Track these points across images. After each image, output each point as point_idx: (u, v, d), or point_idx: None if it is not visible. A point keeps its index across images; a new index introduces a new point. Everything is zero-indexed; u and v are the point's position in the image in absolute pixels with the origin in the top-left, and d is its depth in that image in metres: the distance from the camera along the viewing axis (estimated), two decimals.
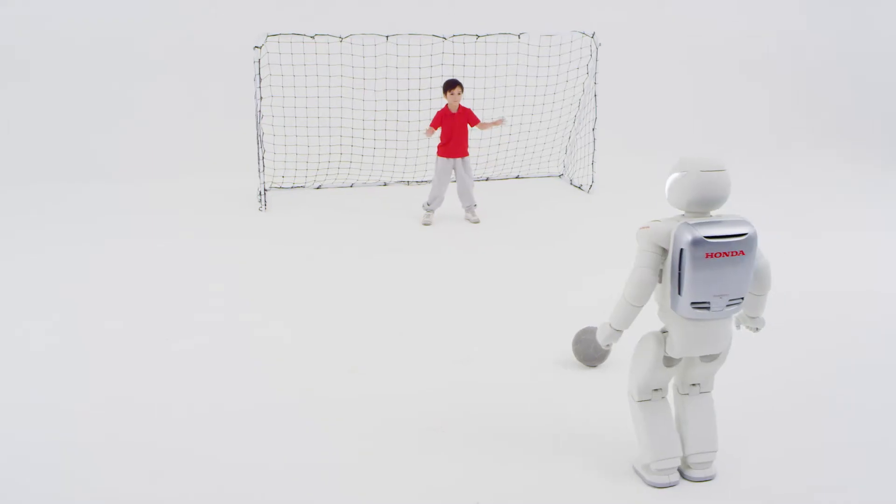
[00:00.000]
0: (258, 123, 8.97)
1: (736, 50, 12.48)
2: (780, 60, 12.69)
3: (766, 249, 3.69)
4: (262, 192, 9.09)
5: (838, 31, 12.91)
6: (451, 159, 8.51)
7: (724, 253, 3.40)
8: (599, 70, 9.73)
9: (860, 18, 13.02)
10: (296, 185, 10.00)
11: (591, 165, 9.93)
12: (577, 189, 10.08)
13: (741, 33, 12.53)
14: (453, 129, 8.40)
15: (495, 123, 8.58)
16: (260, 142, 9.08)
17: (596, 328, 4.97)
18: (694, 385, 3.86)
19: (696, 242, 3.38)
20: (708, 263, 3.40)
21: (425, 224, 8.58)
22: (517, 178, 10.68)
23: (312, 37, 9.04)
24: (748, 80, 12.46)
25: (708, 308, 3.47)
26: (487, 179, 10.52)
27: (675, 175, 3.52)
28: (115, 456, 4.03)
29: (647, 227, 3.57)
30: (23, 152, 10.30)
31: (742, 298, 3.53)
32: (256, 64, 8.78)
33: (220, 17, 10.88)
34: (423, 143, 9.48)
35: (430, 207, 8.66)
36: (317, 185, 10.02)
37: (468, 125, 8.46)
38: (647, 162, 11.27)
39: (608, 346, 3.80)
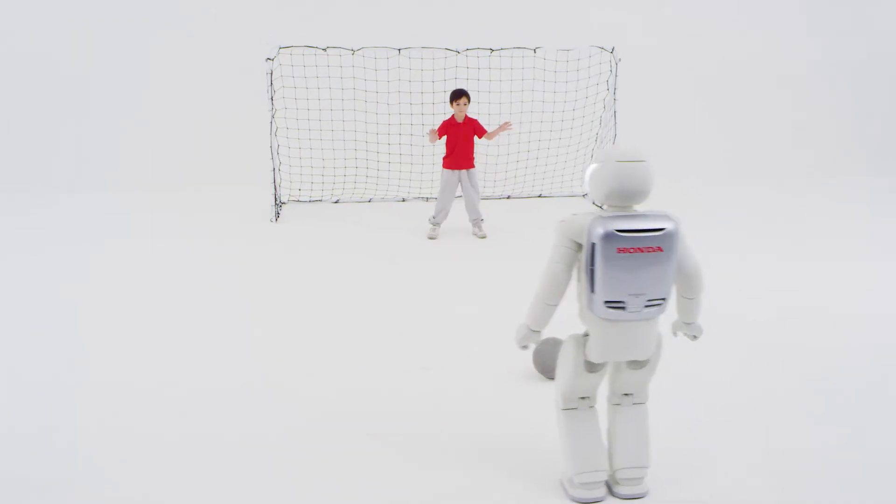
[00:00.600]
0: (271, 135, 9.01)
1: (759, 63, 12.10)
2: (805, 75, 12.28)
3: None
4: (275, 204, 9.09)
5: (864, 45, 12.44)
6: (457, 171, 8.34)
7: (639, 248, 3.14)
8: (619, 86, 9.49)
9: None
10: (313, 198, 9.99)
11: None
12: (598, 209, 9.76)
13: (764, 47, 12.16)
14: (458, 140, 8.23)
15: (502, 129, 8.34)
16: (273, 154, 9.12)
17: (556, 339, 4.71)
18: (626, 395, 3.57)
19: (608, 236, 3.13)
20: (621, 259, 3.15)
21: (430, 238, 8.41)
22: (539, 196, 10.44)
23: (324, 49, 9.06)
24: (771, 93, 12.07)
25: (624, 308, 3.21)
26: (509, 198, 10.33)
27: (593, 166, 3.30)
28: (111, 451, 3.95)
29: (565, 220, 3.35)
30: (38, 162, 10.64)
31: (664, 299, 3.25)
32: (269, 76, 8.84)
33: (232, 29, 11.03)
34: (440, 158, 9.36)
35: (435, 221, 8.49)
36: (335, 199, 9.99)
37: (475, 137, 8.32)
38: (670, 180, 10.93)
39: (525, 347, 3.55)
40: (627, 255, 3.14)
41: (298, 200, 9.97)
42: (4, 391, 4.64)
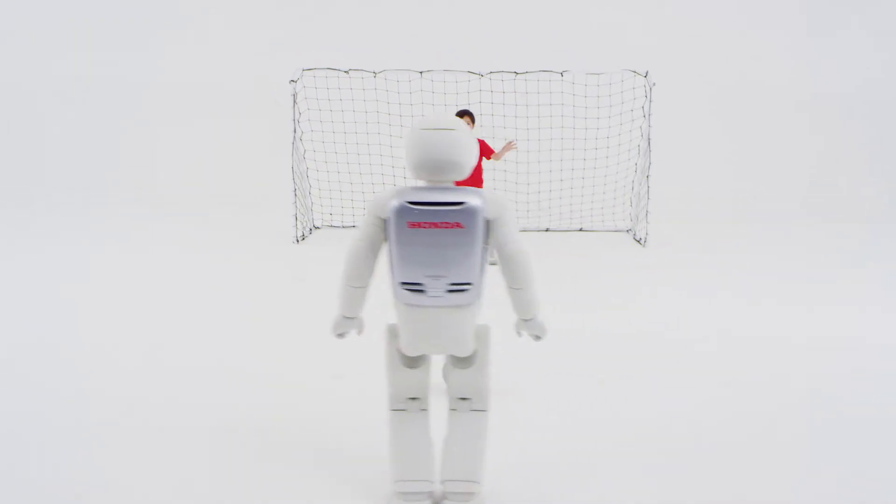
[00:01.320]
0: (293, 155, 8.99)
1: (797, 87, 11.36)
2: (845, 101, 11.40)
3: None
4: (296, 226, 9.03)
5: None
6: None
7: (434, 224, 2.85)
8: (654, 111, 8.97)
9: None
10: (346, 224, 9.89)
11: (646, 216, 9.09)
12: (636, 242, 9.22)
13: (811, 70, 11.40)
14: None
15: (507, 149, 8.00)
16: (300, 176, 9.10)
17: None
18: (463, 399, 3.20)
19: (399, 209, 2.87)
20: (414, 235, 2.88)
21: None
22: (580, 230, 9.96)
23: (346, 71, 9.01)
24: (811, 118, 11.29)
25: (423, 291, 2.92)
26: (547, 230, 9.90)
27: (405, 137, 3.05)
28: (103, 442, 3.85)
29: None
30: (65, 180, 11.08)
31: (470, 284, 2.92)
32: (293, 97, 8.85)
33: (255, 52, 11.23)
34: None
35: None
36: None
37: (483, 158, 8.01)
38: (706, 213, 10.35)
39: (340, 335, 3.23)
40: (420, 230, 2.86)
41: (332, 226, 9.90)
42: (13, 393, 4.53)
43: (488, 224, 2.93)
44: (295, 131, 9.00)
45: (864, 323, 5.93)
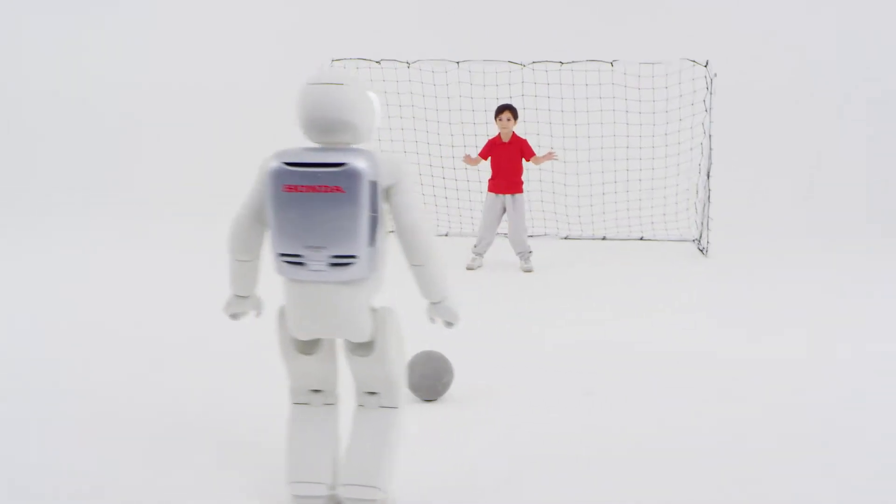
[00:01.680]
0: None
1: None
2: None
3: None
4: None
5: None
6: (501, 196, 7.44)
7: (311, 187, 2.58)
8: (716, 105, 8.08)
9: None
10: None
11: (707, 223, 8.19)
12: (699, 252, 8.31)
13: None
14: (502, 161, 7.36)
15: (547, 157, 7.38)
16: None
17: (437, 354, 4.05)
18: (371, 394, 2.93)
19: (275, 171, 2.62)
20: (289, 199, 2.61)
21: (469, 268, 7.50)
22: (641, 239, 9.08)
23: (378, 62, 8.53)
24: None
25: (302, 264, 2.65)
26: (604, 239, 9.09)
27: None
28: (103, 442, 3.71)
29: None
30: (65, 180, 11.06)
31: (354, 257, 2.64)
32: None
33: (285, 43, 10.88)
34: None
35: (476, 250, 7.59)
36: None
37: (523, 159, 7.36)
38: (775, 219, 9.40)
39: (234, 315, 3.06)
40: (297, 194, 2.61)
41: None
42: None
43: (380, 190, 2.66)
44: None
45: None
